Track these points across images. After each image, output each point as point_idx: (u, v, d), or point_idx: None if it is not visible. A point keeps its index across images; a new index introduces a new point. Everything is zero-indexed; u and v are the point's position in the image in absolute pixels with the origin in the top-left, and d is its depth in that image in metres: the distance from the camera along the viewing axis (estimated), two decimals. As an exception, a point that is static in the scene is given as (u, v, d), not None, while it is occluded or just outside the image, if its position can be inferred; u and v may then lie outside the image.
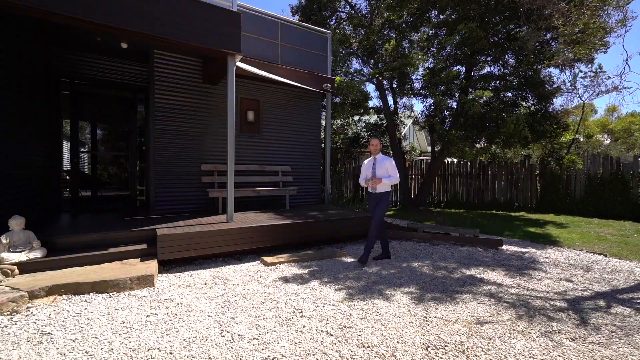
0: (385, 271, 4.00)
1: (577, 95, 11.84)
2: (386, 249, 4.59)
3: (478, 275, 3.88)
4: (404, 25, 10.27)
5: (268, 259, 4.22)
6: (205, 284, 3.44)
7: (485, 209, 10.24)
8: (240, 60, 5.45)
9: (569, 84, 10.25)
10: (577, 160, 8.06)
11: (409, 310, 2.84)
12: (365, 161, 4.57)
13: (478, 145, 8.37)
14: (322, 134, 8.99)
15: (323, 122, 8.57)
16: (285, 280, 3.60)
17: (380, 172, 4.29)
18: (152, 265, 3.46)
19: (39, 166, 4.73)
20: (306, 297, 3.09)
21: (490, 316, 2.75)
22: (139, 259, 3.67)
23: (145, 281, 3.19)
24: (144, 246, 3.84)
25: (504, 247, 5.34)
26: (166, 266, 3.96)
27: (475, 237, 5.52)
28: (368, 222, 5.64)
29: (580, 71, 15.33)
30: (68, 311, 2.67)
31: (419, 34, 10.71)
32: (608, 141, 18.28)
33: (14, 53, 3.92)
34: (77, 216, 5.31)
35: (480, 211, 9.88)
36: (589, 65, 10.81)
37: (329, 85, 7.15)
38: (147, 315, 2.64)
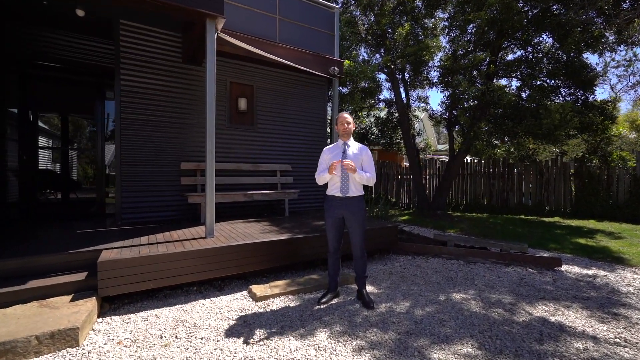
0: (420, 310, 2.88)
1: (610, 85, 10.65)
2: (336, 283, 3.13)
3: (552, 319, 2.74)
4: (416, 10, 9.13)
5: (258, 290, 3.11)
6: (161, 337, 2.33)
7: (511, 213, 9.06)
8: (228, 35, 4.35)
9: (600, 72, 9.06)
10: (629, 157, 6.85)
11: (481, 403, 1.72)
12: (328, 147, 3.08)
13: (511, 140, 7.18)
14: (328, 127, 7.87)
15: (329, 114, 7.47)
16: (280, 329, 2.49)
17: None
18: (83, 309, 2.36)
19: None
20: (310, 369, 1.98)
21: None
22: (70, 296, 2.58)
23: (65, 338, 2.09)
24: (82, 276, 2.75)
25: (563, 267, 4.19)
26: (115, 302, 2.87)
27: (524, 254, 4.37)
28: (389, 233, 4.54)
29: (613, 59, 13.92)
30: None
31: (433, 20, 9.57)
32: (634, 136, 16.97)
33: None
34: (23, 227, 4.24)
35: (506, 216, 8.70)
36: (629, 51, 9.59)
37: (336, 69, 6.02)
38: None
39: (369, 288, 3.38)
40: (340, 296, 3.17)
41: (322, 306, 2.93)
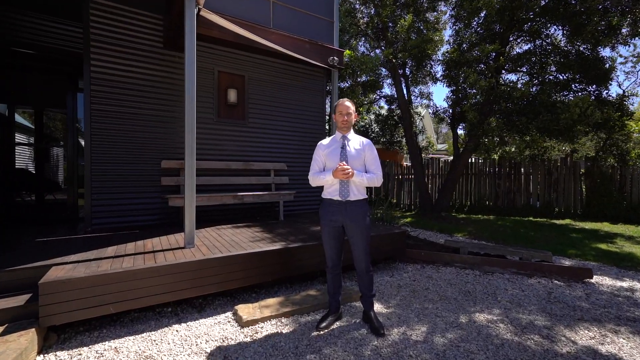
0: (440, 337, 2.37)
1: (617, 82, 10.29)
2: (337, 303, 2.60)
3: (603, 349, 2.25)
4: (418, 3, 8.66)
5: (245, 312, 2.59)
6: (115, 382, 1.81)
7: (518, 214, 8.59)
8: (216, 14, 3.82)
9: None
10: (649, 156, 6.42)
11: None
12: (325, 142, 2.55)
13: (522, 138, 6.70)
14: (327, 124, 7.37)
15: (327, 108, 6.97)
16: (269, 368, 1.97)
17: (355, 164, 2.40)
18: (14, 347, 1.83)
19: None
20: None
21: None
22: (2, 328, 2.04)
23: (-22, 393, 1.56)
24: (22, 300, 2.21)
25: (593, 278, 3.71)
26: (67, 331, 2.33)
27: (548, 263, 3.88)
28: (397, 240, 4.04)
29: (620, 55, 13.51)
30: None
31: (435, 13, 9.11)
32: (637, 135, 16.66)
33: None
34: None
35: (514, 218, 8.24)
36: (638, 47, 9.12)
37: (335, 59, 5.51)
38: None
39: (377, 306, 2.87)
40: (343, 318, 2.66)
41: (321, 332, 2.42)
